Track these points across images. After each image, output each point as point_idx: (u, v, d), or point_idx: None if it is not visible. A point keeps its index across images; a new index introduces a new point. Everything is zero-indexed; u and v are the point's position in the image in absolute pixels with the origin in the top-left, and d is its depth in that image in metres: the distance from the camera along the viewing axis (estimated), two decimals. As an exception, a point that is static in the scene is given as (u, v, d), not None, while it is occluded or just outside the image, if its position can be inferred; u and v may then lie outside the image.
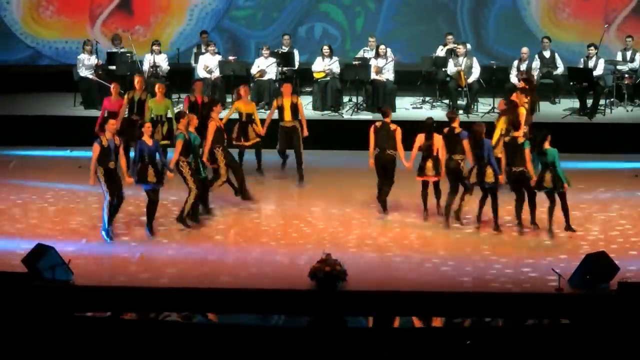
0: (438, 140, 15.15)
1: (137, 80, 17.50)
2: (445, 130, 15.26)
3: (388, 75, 20.65)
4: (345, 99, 20.94)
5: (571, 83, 20.44)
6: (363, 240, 14.75)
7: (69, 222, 15.36)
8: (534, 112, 17.64)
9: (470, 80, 20.31)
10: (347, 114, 20.36)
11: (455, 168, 15.09)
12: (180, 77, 21.15)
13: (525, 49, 20.70)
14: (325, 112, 20.43)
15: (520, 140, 14.81)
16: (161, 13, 22.86)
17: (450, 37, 21.36)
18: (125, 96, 17.34)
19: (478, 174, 14.85)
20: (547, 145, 14.59)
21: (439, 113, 19.57)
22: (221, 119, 16.27)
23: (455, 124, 15.27)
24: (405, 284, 13.16)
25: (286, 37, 21.55)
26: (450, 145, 15.15)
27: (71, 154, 15.14)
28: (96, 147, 14.38)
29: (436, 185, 15.43)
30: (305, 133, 17.26)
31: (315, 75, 20.81)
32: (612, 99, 20.44)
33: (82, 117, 19.42)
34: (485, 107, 20.35)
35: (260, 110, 19.95)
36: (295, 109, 17.26)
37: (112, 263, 13.93)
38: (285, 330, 12.71)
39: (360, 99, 20.71)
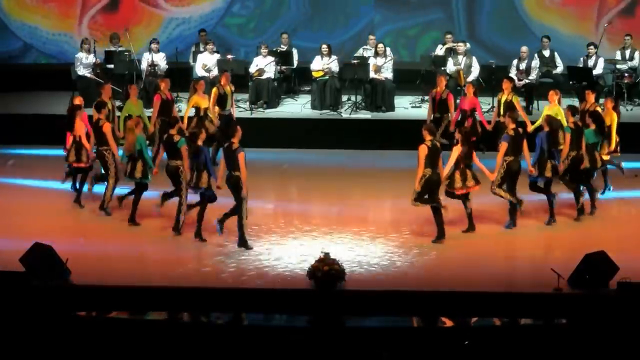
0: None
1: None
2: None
3: (387, 74, 20.62)
4: (344, 98, 20.90)
5: (571, 82, 20.42)
6: (362, 240, 14.72)
7: (67, 221, 15.33)
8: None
9: (470, 79, 20.28)
10: (345, 113, 20.32)
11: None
12: (178, 75, 21.10)
13: (524, 48, 20.68)
14: (324, 111, 20.39)
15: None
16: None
17: (449, 36, 21.34)
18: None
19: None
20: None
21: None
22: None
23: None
24: (404, 283, 13.14)
25: (285, 35, 21.51)
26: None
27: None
28: None
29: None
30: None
31: (314, 74, 20.78)
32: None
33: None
34: (484, 106, 20.31)
35: (259, 110, 19.92)
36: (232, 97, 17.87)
37: (110, 262, 13.91)
38: (284, 330, 12.68)
39: (359, 98, 20.68)
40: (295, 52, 21.29)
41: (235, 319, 12.93)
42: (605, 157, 16.07)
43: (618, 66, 20.76)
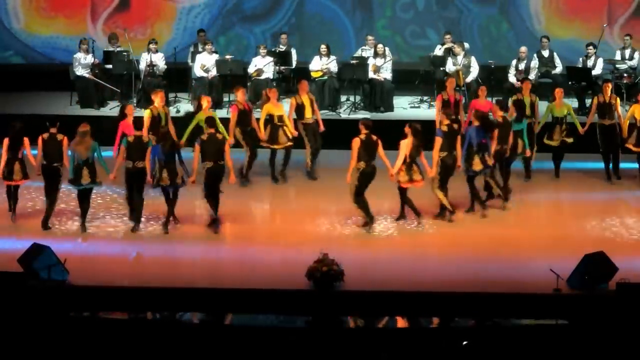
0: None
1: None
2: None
3: (386, 74, 20.60)
4: (343, 98, 20.89)
5: (570, 82, 20.40)
6: (361, 240, 14.71)
7: (65, 222, 15.31)
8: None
9: (469, 79, 20.27)
10: (344, 114, 20.31)
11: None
12: (177, 76, 21.11)
13: (523, 48, 20.66)
14: (323, 111, 20.36)
15: None
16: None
17: (448, 36, 21.32)
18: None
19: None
20: None
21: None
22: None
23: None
24: (403, 284, 13.13)
25: (283, 36, 21.49)
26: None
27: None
28: None
29: None
30: (322, 128, 17.61)
31: (313, 75, 20.76)
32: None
33: (79, 116, 19.34)
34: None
35: (258, 110, 19.88)
36: (312, 105, 17.46)
37: (108, 262, 13.90)
38: (283, 331, 12.66)
39: (358, 98, 20.66)
40: (294, 52, 21.28)
41: (235, 319, 12.92)
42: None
43: (617, 66, 20.76)
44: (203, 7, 22.93)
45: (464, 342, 11.79)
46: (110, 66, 20.76)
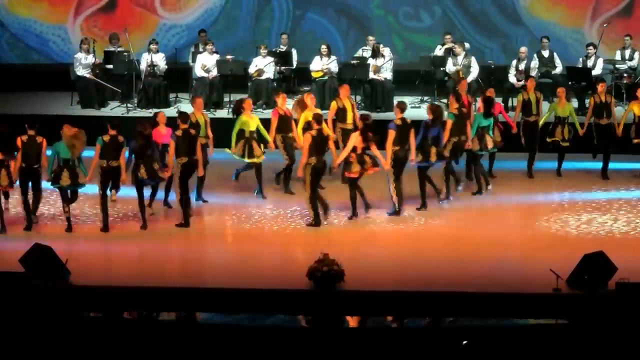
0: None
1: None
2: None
3: (386, 74, 20.63)
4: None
5: (570, 82, 20.42)
6: (361, 240, 14.73)
7: (66, 222, 15.31)
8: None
9: (469, 79, 20.26)
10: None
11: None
12: (177, 76, 21.13)
13: (523, 49, 20.70)
14: (323, 111, 20.33)
15: None
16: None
17: (448, 36, 21.35)
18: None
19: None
20: None
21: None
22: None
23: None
24: (403, 283, 13.14)
25: (284, 36, 21.51)
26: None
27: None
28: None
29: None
30: None
31: (314, 75, 20.78)
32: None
33: (79, 117, 19.38)
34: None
35: (258, 110, 19.90)
36: (353, 110, 17.26)
37: (109, 262, 13.92)
38: (283, 330, 12.68)
39: (359, 98, 20.68)
40: (294, 52, 21.29)
41: (235, 319, 12.94)
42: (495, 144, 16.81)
43: (617, 66, 20.78)
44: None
45: (464, 342, 11.82)
46: (111, 66, 20.77)
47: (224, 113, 19.41)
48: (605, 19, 22.38)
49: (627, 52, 21.04)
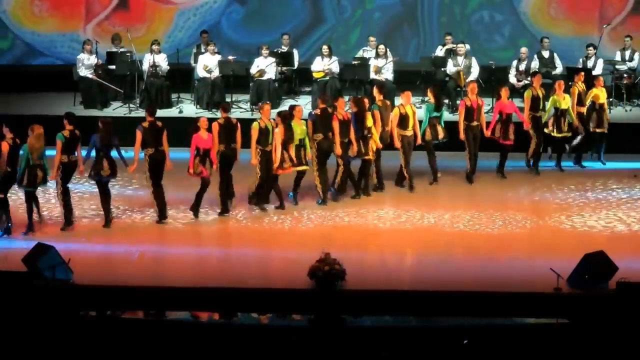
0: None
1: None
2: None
3: (387, 75, 20.66)
4: (345, 98, 20.86)
5: (570, 83, 20.44)
6: (362, 239, 14.76)
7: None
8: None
9: (469, 80, 20.30)
10: (346, 114, 20.33)
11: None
12: (179, 77, 21.16)
13: (524, 49, 20.76)
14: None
15: None
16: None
17: (449, 37, 21.38)
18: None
19: None
20: None
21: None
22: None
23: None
24: (404, 283, 13.18)
25: (285, 36, 21.53)
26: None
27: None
28: None
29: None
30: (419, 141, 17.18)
31: (315, 75, 20.81)
32: (610, 99, 20.44)
33: (82, 117, 19.35)
34: (484, 107, 20.34)
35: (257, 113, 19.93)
36: (414, 117, 17.08)
37: (112, 262, 13.95)
38: (285, 330, 12.72)
39: (359, 98, 20.69)
40: (296, 53, 21.32)
41: (236, 318, 12.98)
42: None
43: (617, 67, 20.82)
44: (206, 8, 22.94)
45: (465, 341, 11.85)
46: (113, 67, 20.80)
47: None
48: (615, 24, 22.40)
49: (627, 53, 21.08)
